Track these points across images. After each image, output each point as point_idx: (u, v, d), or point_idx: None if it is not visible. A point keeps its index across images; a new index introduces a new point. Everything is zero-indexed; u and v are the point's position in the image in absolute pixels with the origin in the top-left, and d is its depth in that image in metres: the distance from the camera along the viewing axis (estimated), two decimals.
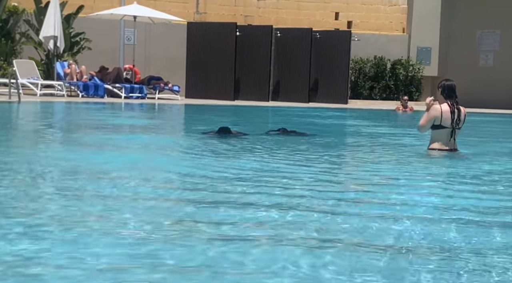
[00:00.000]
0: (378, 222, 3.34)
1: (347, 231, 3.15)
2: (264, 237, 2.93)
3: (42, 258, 2.51)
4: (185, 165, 5.39)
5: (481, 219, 3.50)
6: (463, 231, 3.22)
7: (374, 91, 21.64)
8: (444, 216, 3.54)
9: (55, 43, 17.22)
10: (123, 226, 3.08)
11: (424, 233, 3.13)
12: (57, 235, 2.86)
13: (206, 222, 3.18)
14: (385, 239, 3.01)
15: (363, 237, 3.03)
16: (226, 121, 11.36)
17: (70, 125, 10.21)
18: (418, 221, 3.39)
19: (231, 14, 21.62)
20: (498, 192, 4.52)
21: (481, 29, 21.88)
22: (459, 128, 6.44)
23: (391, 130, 11.69)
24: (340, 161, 6.47)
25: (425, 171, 5.50)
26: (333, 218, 3.41)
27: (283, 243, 2.84)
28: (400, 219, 3.42)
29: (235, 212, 3.45)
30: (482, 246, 2.92)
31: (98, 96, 16.90)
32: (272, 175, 4.84)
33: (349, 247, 2.83)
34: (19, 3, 18.81)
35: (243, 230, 3.07)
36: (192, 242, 2.81)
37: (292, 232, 3.05)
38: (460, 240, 3.03)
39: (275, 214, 3.43)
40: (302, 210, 3.56)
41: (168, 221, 3.22)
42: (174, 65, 19.59)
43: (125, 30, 19.81)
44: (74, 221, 3.13)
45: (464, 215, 3.59)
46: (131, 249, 2.68)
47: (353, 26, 22.25)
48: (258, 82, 19.56)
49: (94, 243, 2.72)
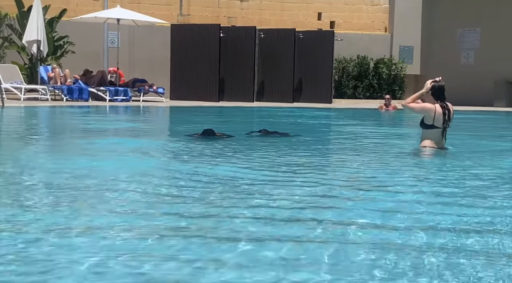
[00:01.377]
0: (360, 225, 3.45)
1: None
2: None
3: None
4: (167, 167, 5.48)
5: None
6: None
7: (357, 90, 21.83)
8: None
9: (38, 47, 17.19)
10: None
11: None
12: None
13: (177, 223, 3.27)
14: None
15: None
16: (212, 122, 11.47)
17: (54, 130, 10.24)
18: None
19: (215, 15, 21.71)
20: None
21: (462, 27, 22.15)
22: (449, 127, 6.66)
23: (374, 129, 11.83)
24: (324, 162, 6.57)
25: (417, 167, 5.65)
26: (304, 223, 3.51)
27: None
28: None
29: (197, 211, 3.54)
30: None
31: (83, 99, 16.89)
32: (248, 178, 4.94)
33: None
34: (1, 8, 18.76)
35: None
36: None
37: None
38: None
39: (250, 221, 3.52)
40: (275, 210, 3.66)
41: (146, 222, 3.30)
42: (159, 68, 19.63)
43: (109, 33, 19.82)
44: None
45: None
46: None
47: (336, 26, 22.42)
48: (243, 83, 19.64)
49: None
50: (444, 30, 22.12)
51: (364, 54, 21.88)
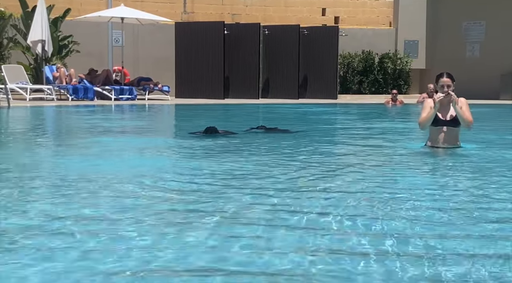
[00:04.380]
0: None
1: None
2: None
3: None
4: (163, 165, 5.49)
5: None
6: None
7: (363, 85, 21.79)
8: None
9: (43, 47, 17.25)
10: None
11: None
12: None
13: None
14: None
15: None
16: (217, 119, 11.47)
17: (61, 130, 10.28)
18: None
19: (219, 13, 21.70)
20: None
21: (467, 21, 22.05)
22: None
23: (380, 124, 11.79)
24: (324, 157, 6.56)
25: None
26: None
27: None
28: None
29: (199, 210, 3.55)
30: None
31: (88, 99, 16.94)
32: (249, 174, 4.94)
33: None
34: (6, 8, 18.82)
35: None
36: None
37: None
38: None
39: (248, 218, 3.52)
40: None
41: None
42: (163, 66, 19.66)
43: (113, 32, 19.86)
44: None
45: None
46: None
47: (340, 22, 22.38)
48: (248, 80, 19.65)
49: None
50: (449, 24, 22.03)
51: (369, 49, 21.83)
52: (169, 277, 2.47)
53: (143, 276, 2.46)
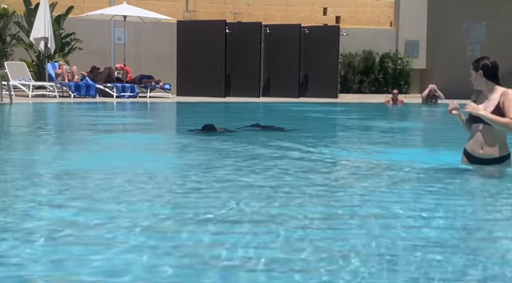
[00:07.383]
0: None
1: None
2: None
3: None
4: (157, 161, 5.60)
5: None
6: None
7: (363, 85, 21.86)
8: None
9: (45, 44, 17.35)
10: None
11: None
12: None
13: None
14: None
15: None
16: (217, 117, 11.54)
17: (62, 126, 10.38)
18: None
19: (220, 11, 21.79)
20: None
21: (468, 21, 22.10)
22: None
23: (379, 124, 11.87)
24: (317, 154, 6.65)
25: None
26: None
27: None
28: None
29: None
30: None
31: (90, 96, 17.04)
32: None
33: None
34: (9, 5, 18.93)
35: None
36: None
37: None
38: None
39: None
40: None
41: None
42: (165, 64, 19.74)
43: (116, 29, 19.95)
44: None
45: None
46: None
47: (341, 21, 22.45)
48: (249, 79, 19.73)
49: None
50: (449, 24, 22.06)
51: (370, 49, 21.89)
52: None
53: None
